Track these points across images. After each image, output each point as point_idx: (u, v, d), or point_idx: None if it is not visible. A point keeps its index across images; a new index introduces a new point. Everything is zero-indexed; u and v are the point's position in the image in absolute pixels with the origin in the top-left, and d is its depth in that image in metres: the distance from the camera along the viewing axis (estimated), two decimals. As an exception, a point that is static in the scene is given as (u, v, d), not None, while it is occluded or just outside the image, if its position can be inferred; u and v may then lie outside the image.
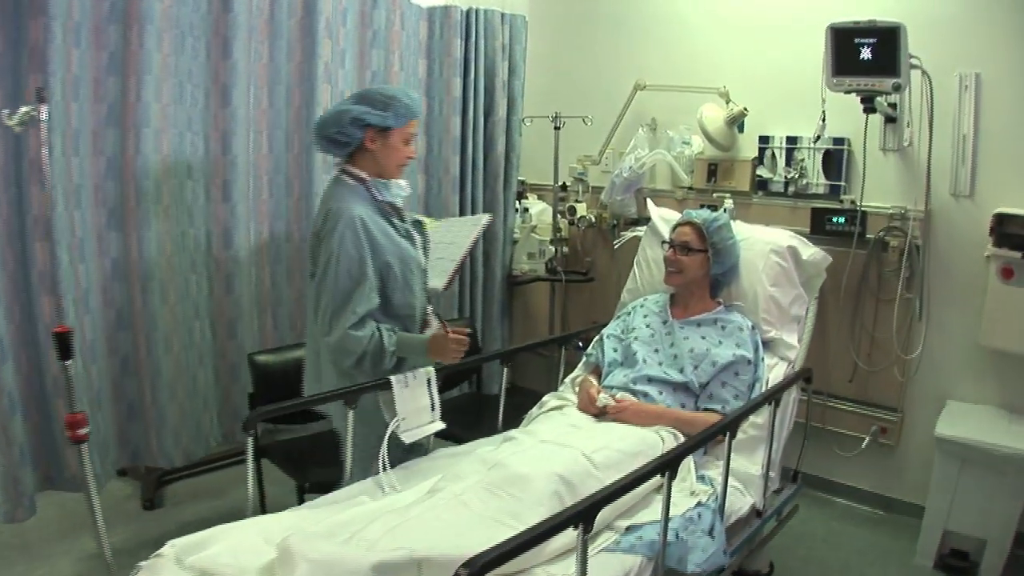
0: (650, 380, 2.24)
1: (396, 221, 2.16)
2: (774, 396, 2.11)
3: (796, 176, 3.00)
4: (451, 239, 2.77)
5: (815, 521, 2.92)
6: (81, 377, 2.35)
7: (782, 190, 3.06)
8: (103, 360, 2.52)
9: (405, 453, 2.28)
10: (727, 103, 3.10)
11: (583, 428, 2.07)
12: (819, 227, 2.93)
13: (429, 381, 2.11)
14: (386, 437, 1.97)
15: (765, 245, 2.52)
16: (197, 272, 2.70)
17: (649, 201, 2.90)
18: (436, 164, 3.37)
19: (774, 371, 2.38)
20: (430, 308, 2.28)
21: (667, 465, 1.58)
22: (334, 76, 2.90)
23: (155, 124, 2.47)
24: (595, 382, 2.34)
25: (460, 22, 3.27)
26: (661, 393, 2.21)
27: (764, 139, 3.08)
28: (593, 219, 3.56)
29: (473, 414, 3.05)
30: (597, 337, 2.53)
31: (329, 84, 2.87)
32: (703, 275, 2.39)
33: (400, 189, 2.20)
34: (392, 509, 1.65)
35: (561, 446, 1.81)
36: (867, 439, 2.92)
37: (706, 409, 2.20)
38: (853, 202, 2.87)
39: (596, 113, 3.38)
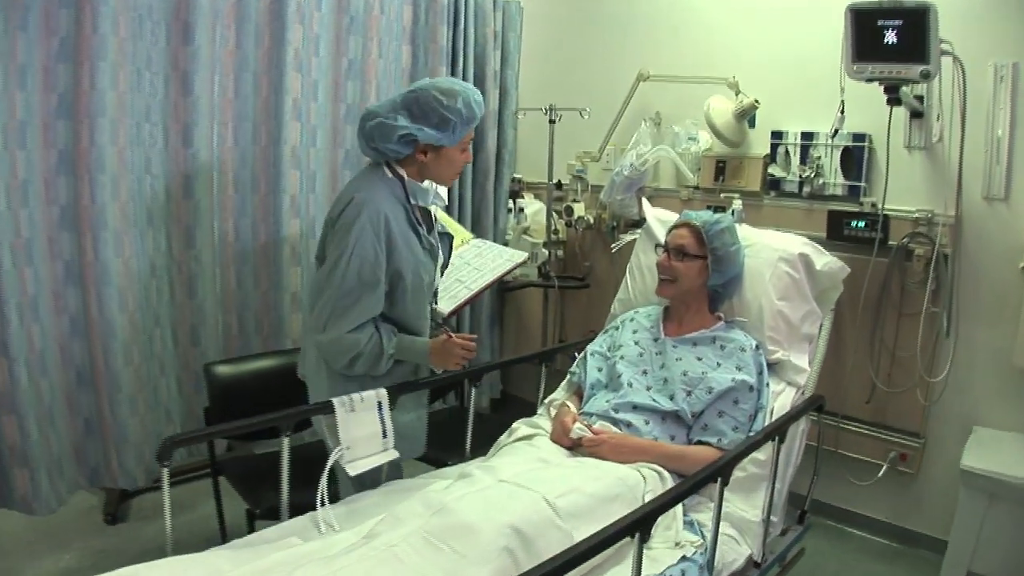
0: (635, 407, 2.06)
1: (423, 231, 2.07)
2: (779, 430, 1.92)
3: (812, 175, 2.84)
4: (478, 264, 2.65)
5: (826, 554, 2.77)
6: (28, 391, 2.29)
7: (796, 191, 2.91)
8: (56, 372, 2.41)
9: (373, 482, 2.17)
10: (736, 95, 2.94)
11: (553, 464, 1.89)
12: (836, 232, 2.77)
13: (380, 404, 1.96)
14: (326, 468, 1.83)
15: (773, 252, 2.36)
16: (157, 276, 2.60)
17: (645, 201, 2.75)
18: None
19: (780, 398, 2.21)
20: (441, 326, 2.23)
21: (638, 524, 1.36)
22: (306, 64, 2.79)
23: (111, 114, 2.35)
24: (572, 407, 2.19)
25: (448, 7, 3.15)
26: (648, 423, 2.04)
27: (777, 135, 2.93)
28: (592, 220, 3.42)
29: (456, 433, 2.89)
30: (582, 353, 2.38)
31: (299, 73, 2.75)
32: (700, 285, 2.23)
33: (438, 197, 2.14)
34: (321, 556, 1.49)
35: (521, 488, 1.60)
36: (885, 466, 2.76)
37: (699, 442, 2.02)
38: (874, 205, 2.72)
39: (596, 106, 3.23)
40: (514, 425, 2.21)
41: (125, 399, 2.49)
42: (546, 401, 2.39)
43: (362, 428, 1.91)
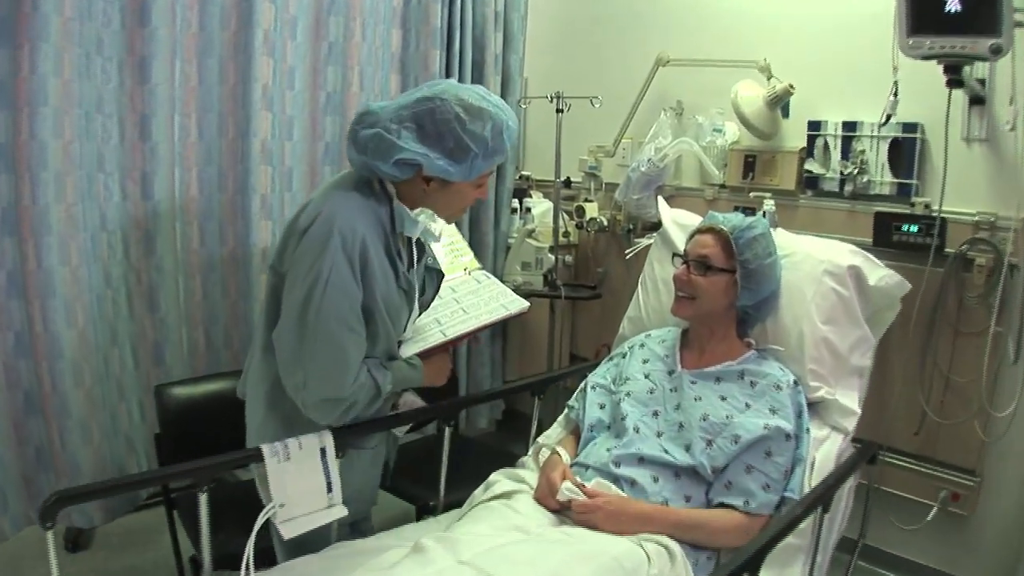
0: (642, 460, 1.78)
1: (402, 267, 1.77)
2: (824, 498, 1.65)
3: (855, 172, 2.61)
4: (468, 304, 2.19)
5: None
6: None
7: (837, 189, 2.67)
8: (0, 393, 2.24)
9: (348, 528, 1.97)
10: (768, 79, 2.73)
11: (531, 535, 1.61)
12: (884, 237, 2.53)
13: (323, 451, 1.71)
14: (254, 531, 1.59)
15: (817, 264, 2.09)
16: (113, 287, 2.43)
17: (661, 201, 2.51)
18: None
19: (824, 448, 1.93)
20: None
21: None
22: (280, 48, 2.60)
23: (53, 103, 2.17)
24: (565, 455, 1.91)
25: (442, -15, 2.95)
26: (656, 480, 1.76)
27: (814, 125, 2.70)
28: (605, 222, 3.21)
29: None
30: (582, 385, 2.14)
31: (271, 57, 2.57)
32: (727, 305, 1.96)
33: (428, 233, 1.82)
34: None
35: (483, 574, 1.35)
36: (935, 507, 2.51)
37: (721, 504, 1.74)
38: (928, 206, 2.47)
39: (610, 94, 3.02)
40: (492, 477, 1.93)
41: (76, 426, 2.31)
42: (539, 440, 2.15)
43: (300, 481, 1.67)
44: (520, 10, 3.15)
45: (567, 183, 3.25)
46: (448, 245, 2.30)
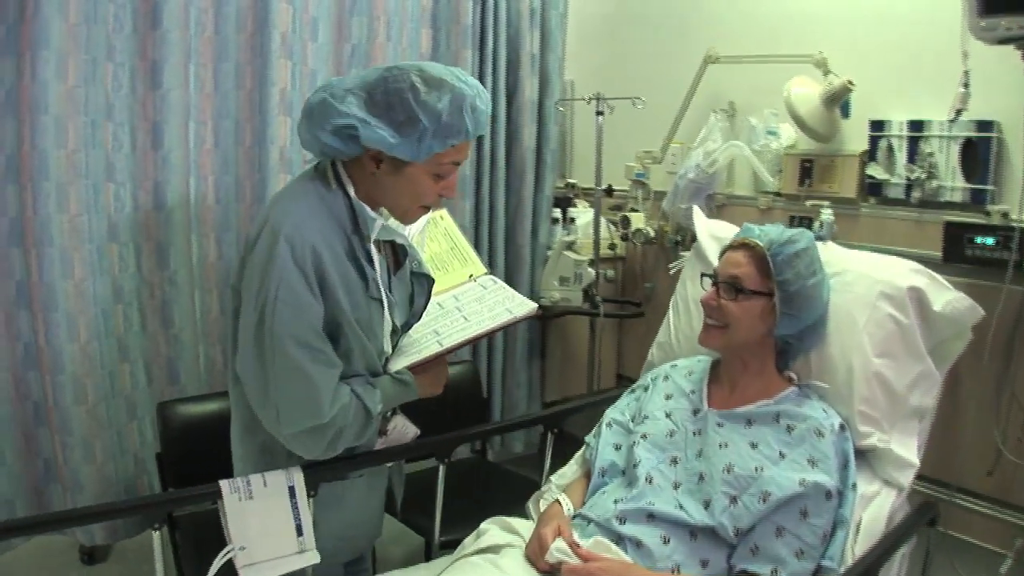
0: (651, 517, 1.58)
1: (370, 270, 1.60)
2: (871, 572, 1.44)
3: (923, 177, 2.38)
4: (471, 311, 2.04)
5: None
6: None
7: (902, 197, 2.45)
8: (8, 405, 2.25)
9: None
10: (825, 75, 2.52)
11: None
12: (956, 251, 2.30)
13: (292, 490, 1.58)
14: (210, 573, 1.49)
15: (872, 285, 1.82)
16: (124, 301, 2.40)
17: (696, 209, 2.32)
18: (442, 159, 2.92)
19: (873, 507, 1.68)
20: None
21: None
22: (299, 51, 2.55)
23: (54, 111, 2.15)
24: (566, 504, 1.72)
25: (473, -21, 2.85)
26: (667, 542, 1.55)
27: (877, 125, 2.48)
28: (652, 233, 3.03)
29: (473, 491, 2.56)
30: (600, 421, 1.94)
31: (290, 60, 2.51)
32: (764, 334, 1.73)
33: (395, 233, 1.68)
34: None
35: None
36: (1009, 557, 2.24)
37: (744, 572, 1.53)
38: (1006, 215, 2.23)
39: (657, 96, 2.87)
40: (483, 525, 1.75)
41: (78, 443, 2.28)
42: (551, 479, 1.98)
43: (265, 522, 1.55)
44: (559, 7, 3.03)
45: (609, 191, 3.10)
46: (451, 251, 2.17)
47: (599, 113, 2.86)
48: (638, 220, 3.05)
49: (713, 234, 2.22)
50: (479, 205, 2.99)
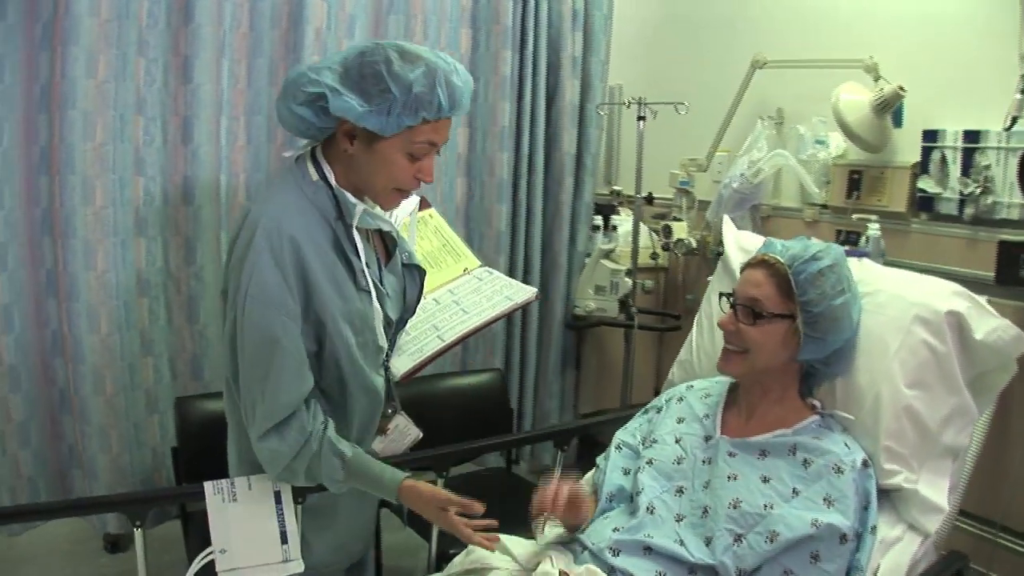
0: (648, 551, 1.48)
1: (360, 264, 1.54)
2: None
3: (977, 191, 2.22)
4: (469, 304, 2.04)
5: None
6: None
7: (955, 212, 2.29)
8: (35, 388, 2.30)
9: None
10: (875, 81, 2.37)
11: None
12: (1010, 272, 2.11)
13: (278, 495, 1.53)
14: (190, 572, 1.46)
15: (907, 308, 1.66)
16: (151, 295, 2.42)
17: (726, 219, 2.20)
18: (479, 163, 2.90)
19: (894, 552, 1.54)
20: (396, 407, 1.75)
21: None
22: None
23: (82, 106, 2.19)
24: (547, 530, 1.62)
25: (514, -21, 2.80)
26: None
27: (930, 135, 2.33)
28: (694, 244, 2.92)
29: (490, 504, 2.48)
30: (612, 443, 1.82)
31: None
32: (786, 359, 1.60)
33: (378, 220, 1.60)
34: None
35: None
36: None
37: None
38: (1067, 235, 2.06)
39: (702, 101, 2.77)
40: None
41: (95, 432, 2.31)
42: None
43: (248, 526, 1.51)
44: (603, 8, 2.94)
45: (649, 199, 3.00)
46: (444, 247, 2.12)
47: (640, 118, 2.77)
48: (680, 230, 2.95)
49: (742, 246, 2.07)
50: (516, 210, 2.93)
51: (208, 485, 1.52)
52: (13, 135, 2.17)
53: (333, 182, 1.53)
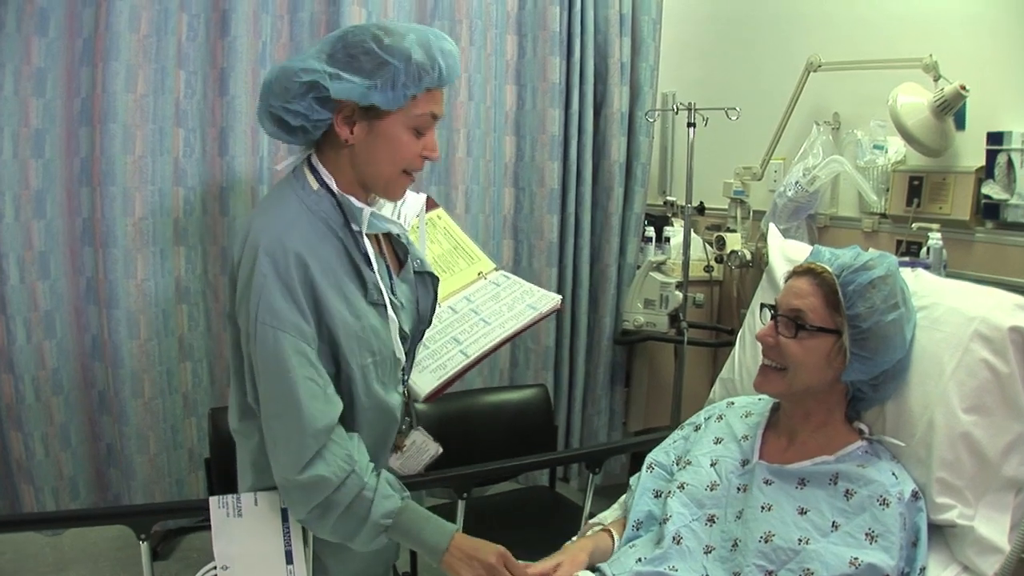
0: None
1: (371, 274, 1.47)
2: None
3: (1047, 198, 2.03)
4: (489, 313, 1.94)
5: None
6: (34, 409, 2.28)
7: (1023, 219, 2.10)
8: (75, 392, 2.38)
9: None
10: (936, 81, 2.22)
11: None
12: (1084, 286, 1.93)
13: (284, 513, 1.48)
14: None
15: (965, 323, 1.51)
16: (190, 301, 2.47)
17: (772, 228, 2.08)
18: (527, 172, 2.85)
19: None
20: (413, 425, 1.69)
21: None
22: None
23: (123, 119, 2.25)
24: (617, 541, 1.57)
25: (560, -15, 2.75)
26: None
27: (995, 137, 2.16)
28: (748, 256, 2.79)
29: (520, 524, 2.41)
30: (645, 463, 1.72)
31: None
32: (831, 379, 1.47)
33: (388, 222, 1.53)
34: None
35: None
36: None
37: None
38: None
39: (758, 106, 2.68)
40: None
41: (133, 433, 2.37)
42: (596, 520, 1.77)
43: (252, 543, 1.46)
44: (651, 13, 2.85)
45: (700, 209, 2.90)
46: (455, 250, 2.05)
47: (691, 125, 2.67)
48: (734, 241, 2.84)
49: (788, 256, 1.95)
50: (564, 221, 2.86)
51: (213, 500, 1.48)
52: (55, 147, 2.25)
53: (335, 188, 1.47)
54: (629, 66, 2.87)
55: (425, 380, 1.73)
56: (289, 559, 1.48)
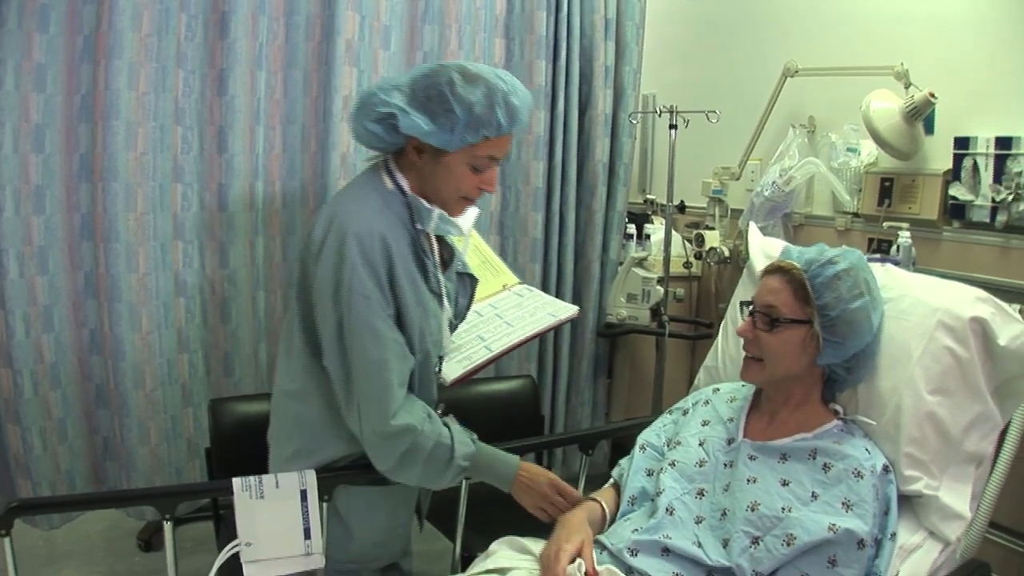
0: (665, 552, 1.49)
1: (431, 267, 1.68)
2: None
3: (1009, 198, 2.17)
4: (512, 318, 2.14)
5: None
6: (32, 403, 2.29)
7: (987, 219, 2.25)
8: (73, 386, 2.40)
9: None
10: (906, 88, 2.34)
11: None
12: (1043, 281, 2.07)
13: (303, 494, 1.60)
14: (215, 567, 1.54)
15: (929, 314, 1.64)
16: (188, 295, 2.50)
17: (752, 226, 2.19)
18: (513, 172, 2.92)
19: (913, 559, 1.53)
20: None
21: None
22: (368, 58, 2.59)
23: (125, 116, 2.28)
24: (607, 508, 1.68)
25: (548, -9, 2.81)
26: None
27: (962, 142, 2.30)
28: (727, 252, 2.90)
29: (510, 506, 2.48)
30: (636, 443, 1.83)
31: (355, 68, 2.55)
32: (807, 365, 1.59)
33: (451, 225, 1.71)
34: None
35: None
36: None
37: None
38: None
39: (737, 109, 2.77)
40: (492, 546, 1.66)
41: (134, 424, 2.40)
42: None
43: (273, 522, 1.57)
44: (635, 18, 2.93)
45: (681, 208, 3.00)
46: (483, 264, 2.17)
47: (672, 127, 2.76)
48: (713, 239, 2.94)
49: (767, 253, 2.06)
50: (549, 218, 2.93)
51: (237, 481, 1.57)
52: (54, 143, 2.26)
53: (407, 190, 1.66)
54: (613, 70, 2.94)
55: (452, 368, 1.91)
56: (307, 535, 1.61)
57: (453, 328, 1.85)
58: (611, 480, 1.83)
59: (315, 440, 1.69)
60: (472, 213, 1.88)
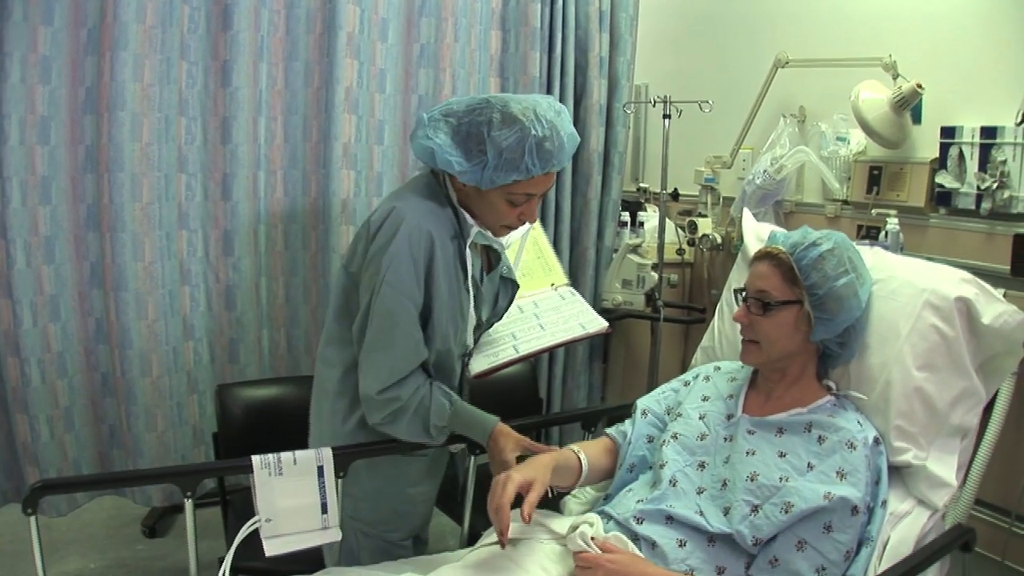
0: (669, 520, 1.55)
1: (473, 271, 1.79)
2: None
3: (993, 186, 2.23)
4: (548, 320, 2.19)
5: None
6: (40, 391, 2.32)
7: (972, 207, 2.31)
8: (79, 375, 2.43)
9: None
10: (894, 79, 2.39)
11: None
12: (1024, 265, 2.13)
13: (320, 470, 1.66)
14: (233, 546, 1.57)
15: (917, 294, 1.71)
16: (192, 283, 2.54)
17: (746, 212, 2.25)
18: (511, 161, 2.93)
19: (902, 527, 1.60)
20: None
21: None
22: (367, 50, 2.62)
23: (131, 108, 2.31)
24: (584, 461, 1.72)
25: (541, -20, 2.85)
26: (683, 545, 1.52)
27: (948, 131, 2.35)
28: (719, 239, 2.96)
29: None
30: (634, 409, 1.89)
31: (356, 60, 2.58)
32: (800, 343, 1.65)
33: (485, 238, 1.83)
34: None
35: None
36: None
37: None
38: (1083, 229, 2.06)
39: (728, 99, 2.82)
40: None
41: (141, 411, 2.44)
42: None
43: (291, 498, 1.63)
44: (628, 10, 2.97)
45: (675, 195, 3.05)
46: (538, 259, 2.25)
47: (666, 116, 2.82)
48: (705, 226, 3.00)
49: (761, 237, 2.10)
50: (545, 207, 2.97)
51: (256, 459, 1.63)
52: (59, 135, 2.28)
53: (455, 201, 1.75)
54: (607, 60, 2.98)
55: (478, 362, 1.99)
56: (324, 510, 1.67)
57: (490, 325, 1.99)
58: (604, 436, 1.88)
59: (344, 398, 1.81)
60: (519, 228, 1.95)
